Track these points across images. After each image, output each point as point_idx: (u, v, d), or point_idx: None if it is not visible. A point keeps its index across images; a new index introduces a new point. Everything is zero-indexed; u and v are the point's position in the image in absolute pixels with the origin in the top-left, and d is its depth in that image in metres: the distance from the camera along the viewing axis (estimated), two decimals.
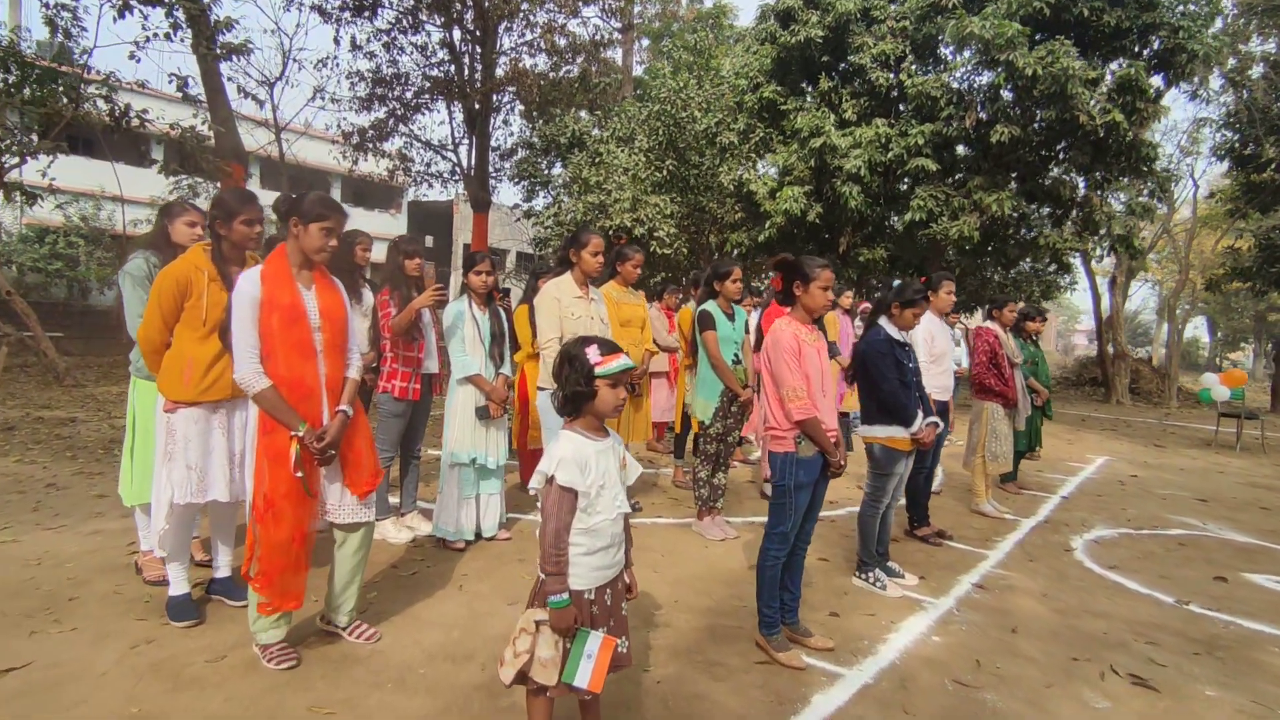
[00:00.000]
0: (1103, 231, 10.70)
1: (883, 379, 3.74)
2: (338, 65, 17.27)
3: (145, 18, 9.34)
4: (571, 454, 2.04)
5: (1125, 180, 10.46)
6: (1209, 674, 3.08)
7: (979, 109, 10.76)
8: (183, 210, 3.43)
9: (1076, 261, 14.83)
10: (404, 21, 15.31)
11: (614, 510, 2.11)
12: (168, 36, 9.29)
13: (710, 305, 4.68)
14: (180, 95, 9.62)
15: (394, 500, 4.57)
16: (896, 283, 4.03)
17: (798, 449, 2.92)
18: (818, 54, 12.29)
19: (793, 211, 11.78)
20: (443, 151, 17.49)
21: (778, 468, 2.97)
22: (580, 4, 15.68)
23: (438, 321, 4.32)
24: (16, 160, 9.20)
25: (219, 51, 9.63)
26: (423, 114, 16.77)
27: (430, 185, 18.51)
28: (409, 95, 16.21)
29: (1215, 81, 16.23)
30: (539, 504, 2.09)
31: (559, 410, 2.15)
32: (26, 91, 9.48)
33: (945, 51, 12.26)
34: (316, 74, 15.77)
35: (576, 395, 2.08)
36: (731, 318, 4.71)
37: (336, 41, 15.19)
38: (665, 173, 13.63)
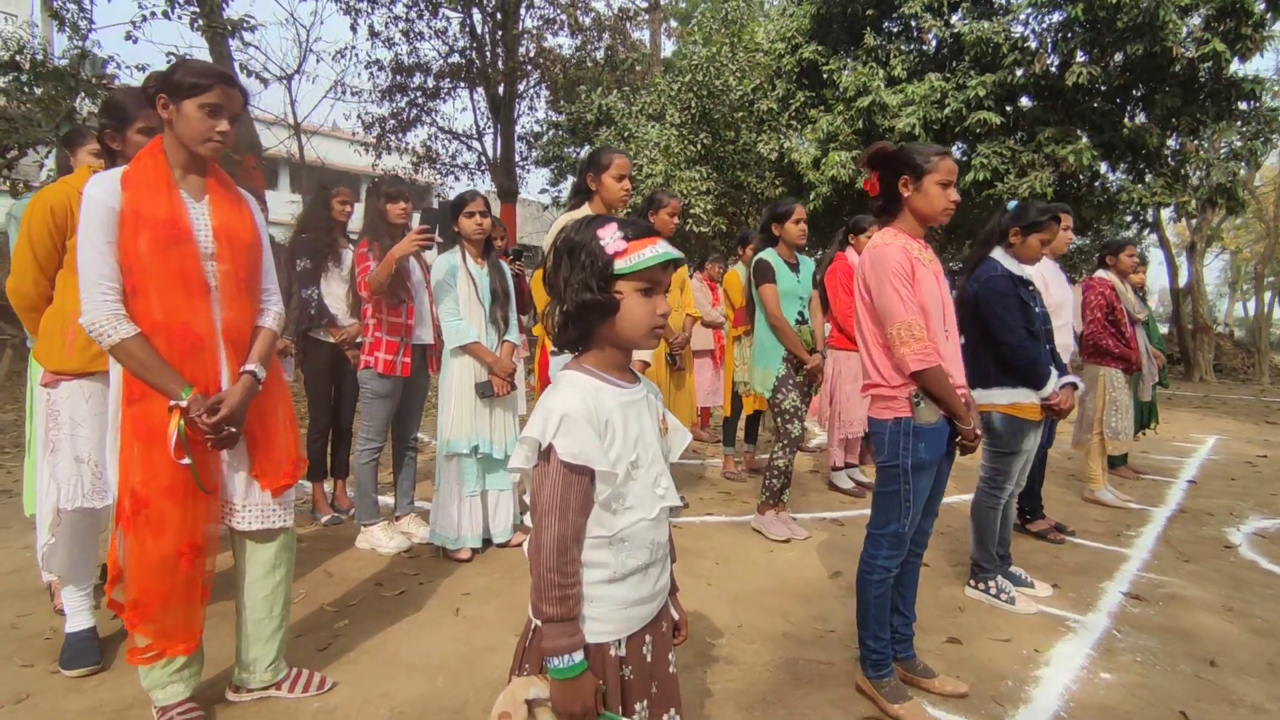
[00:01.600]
0: (1196, 182, 9.43)
1: (1006, 328, 2.82)
2: (356, 57, 16.73)
3: None
4: (580, 408, 1.18)
5: (1222, 124, 9.19)
6: None
7: (1049, 52, 9.62)
8: (88, 138, 2.67)
9: (1156, 224, 13.44)
10: (421, 5, 14.74)
11: (655, 504, 1.26)
12: (165, 14, 8.71)
13: (768, 254, 3.78)
14: None
15: (386, 501, 3.79)
16: (1013, 203, 3.09)
17: (915, 413, 2.03)
18: (861, 8, 11.26)
19: (840, 179, 10.79)
20: (467, 141, 16.88)
21: (885, 441, 2.07)
22: None
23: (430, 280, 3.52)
24: (16, 152, 8.74)
25: (219, 28, 9.02)
26: (444, 101, 16.23)
27: (456, 178, 17.93)
28: (430, 83, 15.68)
29: None
30: (526, 497, 1.25)
31: (556, 339, 1.29)
32: (38, 90, 9.05)
33: None
34: (335, 66, 15.28)
35: (585, 309, 1.22)
36: (795, 269, 3.82)
37: (353, 29, 14.68)
38: (700, 147, 12.73)
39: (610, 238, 1.20)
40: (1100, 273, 4.84)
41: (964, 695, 2.20)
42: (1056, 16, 9.88)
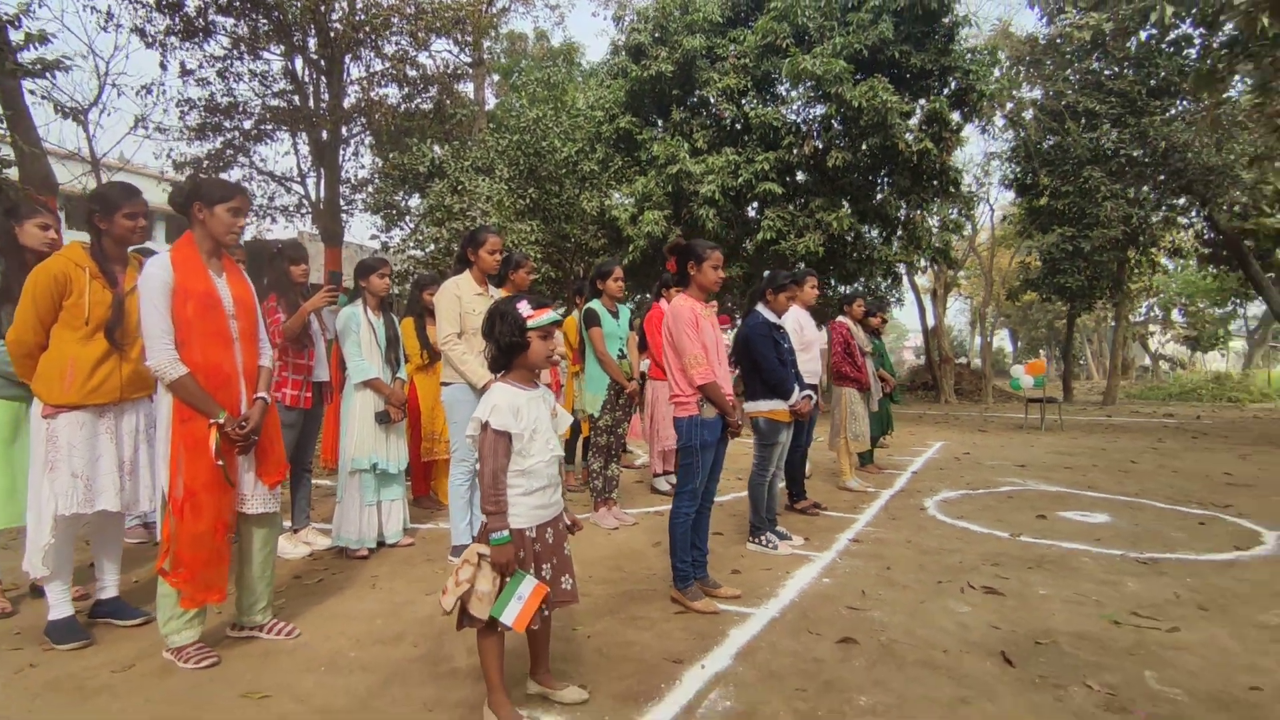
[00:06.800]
0: (924, 246, 12.15)
1: (764, 358, 4.15)
2: (165, 92, 16.03)
3: None
4: (505, 401, 2.19)
5: (938, 201, 11.98)
6: (1040, 580, 3.67)
7: (815, 138, 11.92)
8: (35, 213, 3.24)
9: (903, 276, 16.57)
10: (241, 48, 14.64)
11: (548, 453, 2.28)
12: None
13: (595, 304, 4.94)
14: None
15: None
16: (768, 273, 4.49)
17: (700, 411, 3.21)
18: (668, 88, 13.09)
19: (655, 234, 12.38)
20: (287, 183, 16.74)
21: (684, 431, 3.24)
22: (430, 36, 15.69)
23: (325, 329, 4.27)
24: None
25: (12, 68, 8.65)
26: (264, 144, 16.06)
27: (274, 220, 17.60)
28: (247, 125, 15.49)
29: (999, 121, 18.88)
30: (476, 450, 2.22)
31: (492, 365, 2.30)
32: None
33: (782, 89, 13.48)
34: (139, 101, 14.60)
35: (511, 347, 2.24)
36: (615, 315, 4.99)
37: (163, 67, 14.24)
38: (528, 200, 13.86)
39: (524, 309, 2.24)
40: (840, 318, 6.54)
41: (738, 596, 3.38)
42: (819, 109, 12.28)
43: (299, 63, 15.13)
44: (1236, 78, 12.19)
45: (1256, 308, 25.69)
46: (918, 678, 2.56)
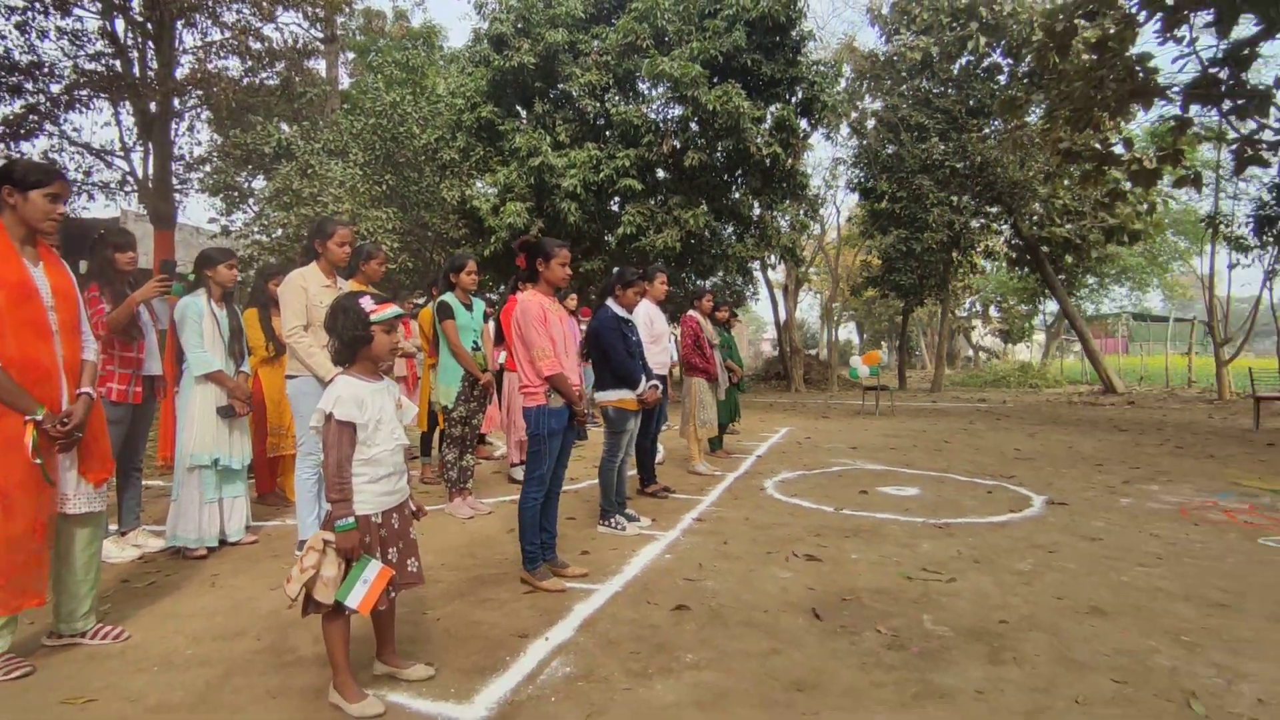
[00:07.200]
0: (774, 244, 12.98)
1: (613, 350, 4.38)
2: None
3: None
4: (349, 393, 2.27)
5: (788, 202, 12.83)
6: (854, 546, 4.17)
7: (673, 137, 12.37)
8: None
9: (757, 272, 17.55)
10: (45, 0, 13.05)
11: (392, 442, 2.37)
12: None
13: (448, 296, 4.96)
14: None
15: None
16: (616, 269, 4.73)
17: (548, 401, 3.39)
18: (531, 80, 13.10)
19: (516, 226, 12.37)
20: (107, 157, 15.13)
21: (532, 420, 3.40)
22: (276, 8, 14.74)
23: (157, 319, 4.05)
24: None
25: None
26: (78, 112, 14.42)
27: (92, 197, 15.86)
28: (56, 89, 13.85)
29: (844, 129, 20.37)
30: (320, 440, 2.28)
31: (335, 359, 2.35)
32: None
33: (643, 87, 13.86)
34: None
35: (354, 340, 2.30)
36: (469, 308, 5.04)
37: None
38: (384, 187, 13.39)
39: (367, 304, 2.31)
40: (691, 312, 6.93)
41: (585, 575, 3.60)
42: (677, 110, 12.75)
43: (120, 24, 13.72)
44: (1035, 104, 13.94)
45: (1054, 305, 29.32)
46: (739, 635, 2.89)
